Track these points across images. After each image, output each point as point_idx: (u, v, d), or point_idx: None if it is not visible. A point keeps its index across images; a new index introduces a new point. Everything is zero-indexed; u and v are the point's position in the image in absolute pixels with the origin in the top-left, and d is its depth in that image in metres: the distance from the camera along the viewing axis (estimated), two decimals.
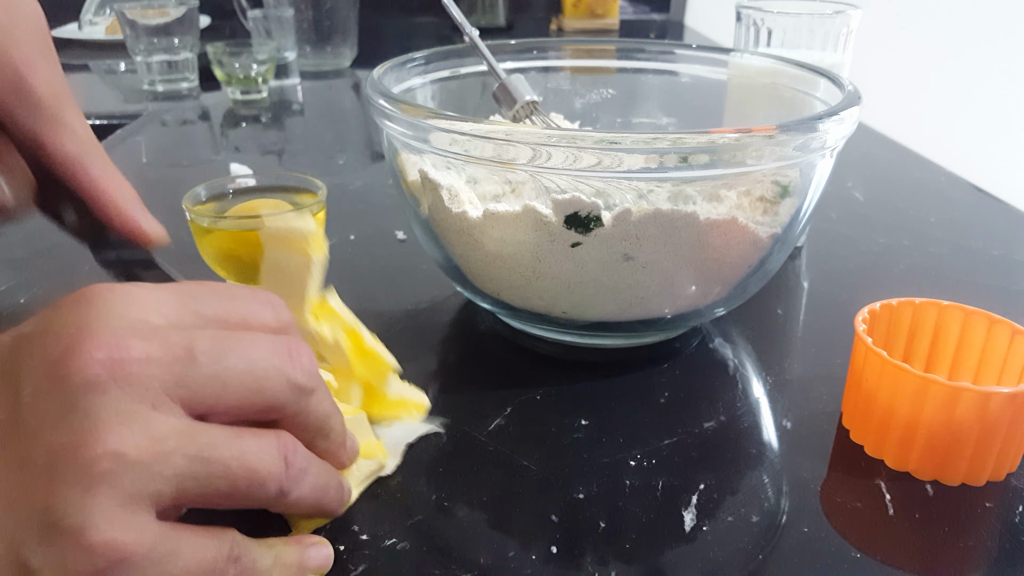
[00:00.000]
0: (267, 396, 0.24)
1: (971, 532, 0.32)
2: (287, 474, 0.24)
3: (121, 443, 0.21)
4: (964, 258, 0.57)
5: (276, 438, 0.24)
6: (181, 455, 0.21)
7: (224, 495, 0.23)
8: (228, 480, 0.22)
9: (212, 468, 0.22)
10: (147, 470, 0.21)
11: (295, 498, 0.25)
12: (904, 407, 0.34)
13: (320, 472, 0.26)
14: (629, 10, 1.67)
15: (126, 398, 0.21)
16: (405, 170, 0.43)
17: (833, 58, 0.55)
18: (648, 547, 0.31)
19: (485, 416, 0.39)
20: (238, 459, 0.23)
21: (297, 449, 0.25)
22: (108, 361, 0.21)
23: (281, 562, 0.26)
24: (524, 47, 0.55)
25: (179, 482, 0.22)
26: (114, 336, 0.21)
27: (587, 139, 0.33)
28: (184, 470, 0.22)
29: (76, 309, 0.22)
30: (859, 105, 0.39)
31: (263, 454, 0.23)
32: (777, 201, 0.40)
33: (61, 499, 0.20)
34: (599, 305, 0.40)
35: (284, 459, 0.24)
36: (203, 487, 0.22)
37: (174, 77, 1.04)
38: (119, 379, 0.21)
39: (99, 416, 0.21)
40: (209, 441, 0.22)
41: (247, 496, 0.23)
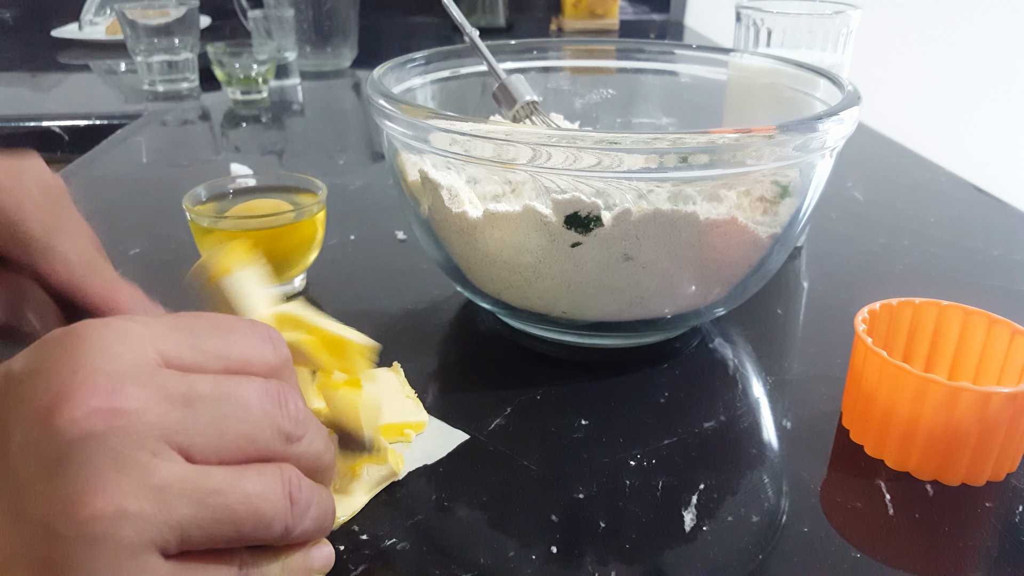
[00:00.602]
0: (259, 446, 0.24)
1: (971, 532, 0.32)
2: (292, 512, 0.24)
3: (121, 495, 0.20)
4: (964, 258, 0.57)
5: (280, 475, 0.24)
6: (185, 503, 0.21)
7: (229, 539, 0.22)
8: (234, 525, 0.22)
9: (217, 514, 0.21)
10: (150, 521, 0.20)
11: (299, 533, 0.24)
12: (904, 407, 0.34)
13: (320, 501, 0.26)
14: (629, 10, 1.67)
15: (123, 447, 0.20)
16: (405, 170, 0.43)
17: (833, 58, 0.55)
18: (648, 547, 0.31)
19: (485, 416, 0.39)
20: (243, 503, 0.22)
21: (301, 484, 0.24)
22: (104, 410, 0.20)
23: (289, 568, 0.25)
24: (524, 47, 0.55)
25: (183, 530, 0.21)
26: (109, 382, 0.21)
27: (587, 139, 0.33)
28: (188, 518, 0.21)
29: (68, 348, 0.21)
30: (859, 105, 0.39)
31: (268, 494, 0.23)
32: (777, 201, 0.40)
33: (61, 556, 0.19)
34: (599, 305, 0.40)
35: (289, 496, 0.23)
36: (208, 533, 0.22)
37: (174, 77, 1.04)
38: (115, 428, 0.20)
39: (96, 467, 0.20)
40: (213, 487, 0.22)
41: (253, 537, 0.23)
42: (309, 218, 0.47)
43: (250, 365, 0.25)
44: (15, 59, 1.31)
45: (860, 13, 0.54)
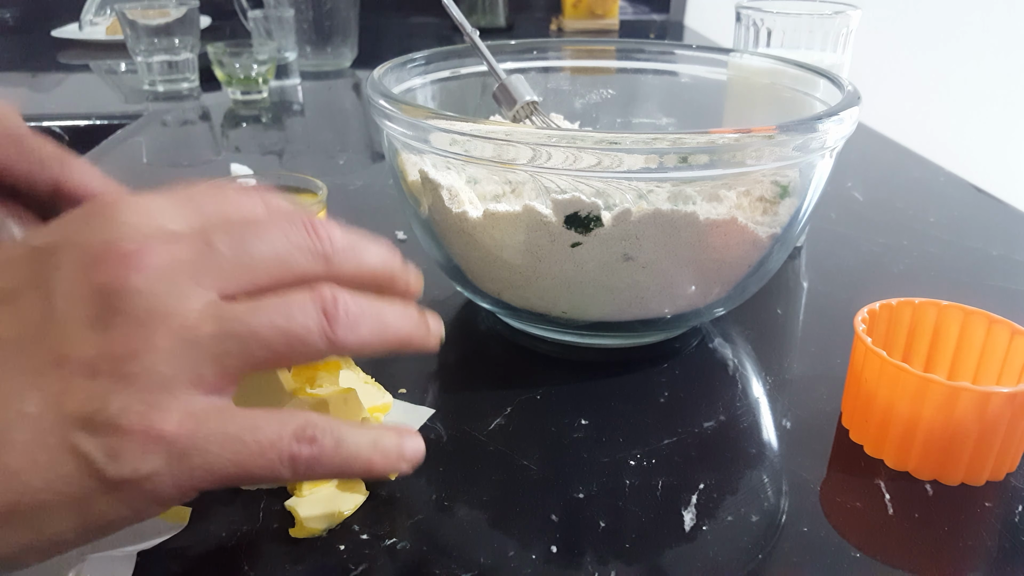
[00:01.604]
0: (296, 269, 0.25)
1: (971, 532, 0.32)
2: (329, 322, 0.24)
3: (158, 335, 0.22)
4: (964, 258, 0.57)
5: (309, 292, 0.24)
6: (211, 336, 0.23)
7: (268, 360, 0.24)
8: (265, 345, 0.23)
9: (244, 339, 0.23)
10: (183, 354, 0.22)
11: (355, 341, 0.25)
12: (904, 407, 0.34)
13: (384, 311, 0.26)
14: (629, 10, 1.67)
15: (160, 295, 0.23)
16: (405, 170, 0.43)
17: (833, 58, 0.55)
18: (648, 547, 0.31)
19: (485, 416, 0.39)
20: (267, 323, 0.23)
21: (338, 297, 0.25)
22: (141, 266, 0.23)
23: (381, 445, 0.25)
24: (524, 47, 0.56)
25: (218, 359, 0.23)
26: (140, 243, 0.23)
27: (587, 139, 0.34)
28: (219, 348, 0.23)
29: (97, 222, 0.24)
30: (858, 105, 0.39)
31: (293, 311, 0.24)
32: (777, 201, 0.40)
33: (103, 389, 0.22)
34: (599, 305, 0.40)
35: (322, 311, 0.24)
36: (243, 359, 0.23)
37: (174, 77, 1.04)
38: (151, 280, 0.23)
39: (136, 315, 0.22)
40: (236, 315, 0.23)
41: (293, 354, 0.24)
42: None
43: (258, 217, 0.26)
44: (15, 59, 1.31)
45: (860, 13, 0.54)
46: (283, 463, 0.23)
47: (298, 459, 0.23)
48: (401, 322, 0.27)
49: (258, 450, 0.23)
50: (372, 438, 0.25)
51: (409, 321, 0.27)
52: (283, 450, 0.23)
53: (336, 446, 0.24)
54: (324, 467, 0.24)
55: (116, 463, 0.21)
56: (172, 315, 0.22)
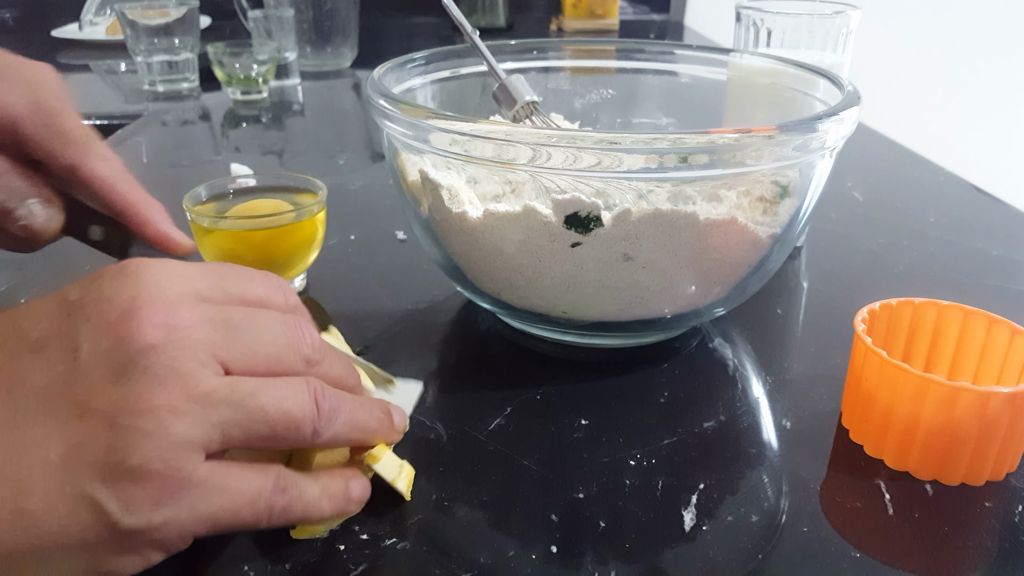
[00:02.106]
0: (286, 366, 0.27)
1: (971, 532, 0.32)
2: (319, 415, 0.27)
3: (176, 396, 0.23)
4: (964, 258, 0.57)
5: (306, 382, 0.27)
6: (226, 405, 0.24)
7: (265, 438, 0.26)
8: (267, 424, 0.25)
9: (253, 415, 0.25)
10: (198, 418, 0.24)
11: (331, 435, 0.28)
12: (904, 407, 0.34)
13: (355, 408, 0.29)
14: (629, 10, 1.67)
15: (179, 358, 0.24)
16: (405, 170, 0.43)
17: (833, 58, 0.55)
18: (648, 547, 0.31)
19: (485, 416, 0.39)
20: (275, 405, 0.25)
21: (325, 392, 0.27)
22: (164, 326, 0.24)
23: (329, 492, 0.29)
24: (524, 47, 0.55)
25: (225, 428, 0.24)
26: (165, 305, 0.25)
27: (587, 139, 0.34)
28: (229, 418, 0.24)
29: (126, 280, 0.25)
30: (858, 105, 0.39)
31: (296, 398, 0.26)
32: (777, 201, 0.40)
33: (123, 442, 0.23)
34: (599, 305, 0.40)
35: (315, 401, 0.27)
36: (246, 432, 0.25)
37: (174, 77, 1.04)
38: (173, 342, 0.24)
39: (156, 372, 0.23)
40: (249, 391, 0.25)
41: (285, 438, 0.26)
42: (309, 218, 0.47)
43: (268, 304, 0.29)
44: None
45: (860, 13, 0.54)
46: (266, 511, 0.26)
47: (275, 508, 0.26)
48: (371, 420, 0.30)
49: (250, 500, 0.25)
50: (321, 487, 0.28)
51: (377, 419, 0.31)
52: (267, 500, 0.26)
53: (300, 495, 0.27)
54: (292, 514, 0.27)
55: (130, 514, 0.23)
56: (190, 378, 0.24)
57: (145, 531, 0.23)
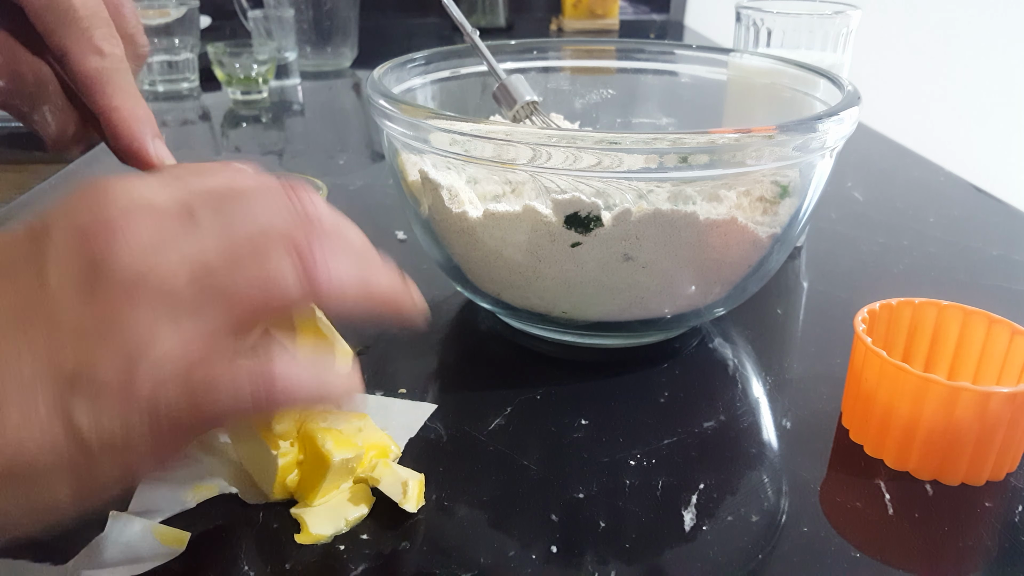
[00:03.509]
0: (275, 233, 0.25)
1: (971, 532, 0.32)
2: (304, 266, 0.25)
3: (137, 298, 0.23)
4: (964, 258, 0.57)
5: (281, 240, 0.25)
6: (189, 294, 0.23)
7: (250, 308, 0.24)
8: (241, 296, 0.24)
9: (221, 293, 0.24)
10: (162, 315, 0.23)
11: (335, 287, 0.25)
12: (904, 407, 0.34)
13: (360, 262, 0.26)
14: (629, 10, 1.67)
15: (144, 265, 0.23)
16: (405, 170, 0.43)
17: (833, 58, 0.55)
18: (648, 547, 0.31)
19: (485, 416, 0.39)
20: (241, 276, 0.24)
21: (312, 241, 0.25)
22: (123, 236, 0.23)
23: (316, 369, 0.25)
24: (524, 47, 0.55)
25: (195, 317, 0.23)
26: (126, 217, 0.24)
27: (587, 139, 0.34)
28: (196, 305, 0.23)
29: (86, 200, 0.24)
30: (858, 105, 0.39)
31: (268, 260, 0.24)
32: (777, 201, 0.40)
33: (90, 354, 0.22)
34: (599, 305, 0.40)
35: (297, 254, 0.25)
36: (223, 311, 0.24)
37: (174, 77, 1.04)
38: (134, 247, 0.23)
39: (122, 282, 0.23)
40: (211, 271, 0.24)
41: (272, 303, 0.24)
42: None
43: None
44: None
45: (860, 13, 0.54)
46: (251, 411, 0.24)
47: (271, 402, 0.24)
48: (385, 278, 0.27)
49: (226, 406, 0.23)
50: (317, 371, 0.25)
51: (394, 280, 0.27)
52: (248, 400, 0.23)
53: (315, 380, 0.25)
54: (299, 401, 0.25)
55: (98, 424, 0.22)
56: (154, 278, 0.23)
57: (116, 440, 0.22)
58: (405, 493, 0.32)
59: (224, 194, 0.26)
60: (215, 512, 0.32)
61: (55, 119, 0.35)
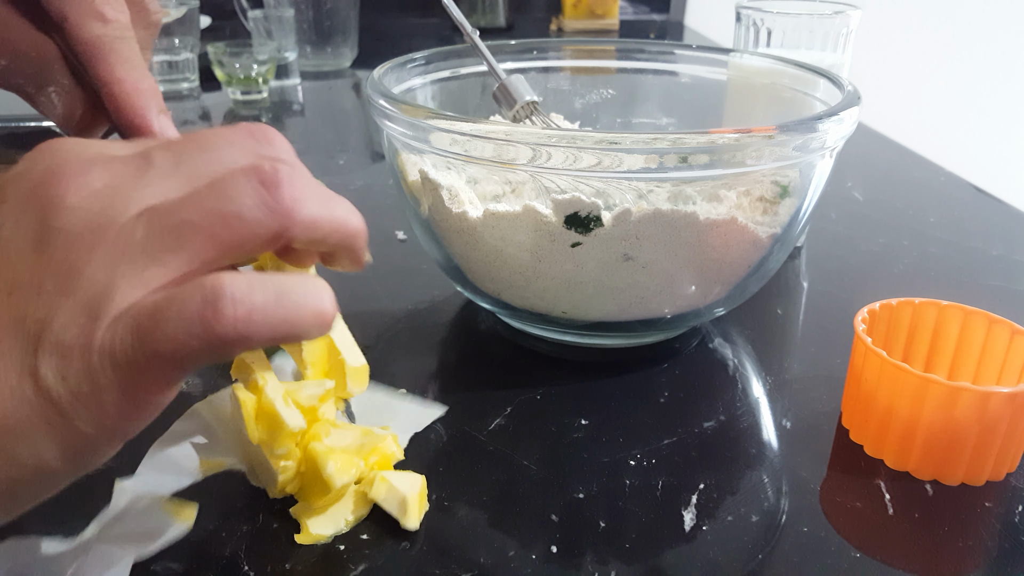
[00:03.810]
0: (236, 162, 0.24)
1: (971, 532, 0.32)
2: (272, 195, 0.23)
3: (92, 246, 0.22)
4: (964, 258, 0.57)
5: (241, 171, 0.23)
6: (143, 235, 0.22)
7: (214, 249, 0.22)
8: (201, 233, 0.22)
9: (180, 232, 0.22)
10: (118, 260, 0.22)
11: (307, 219, 0.23)
12: (904, 407, 0.34)
13: (328, 195, 0.25)
14: (629, 10, 1.67)
15: (96, 211, 0.22)
16: (405, 170, 0.43)
17: (833, 58, 0.55)
18: (648, 547, 0.31)
19: (485, 416, 0.39)
20: (199, 210, 0.22)
21: (279, 167, 0.23)
22: (78, 185, 0.22)
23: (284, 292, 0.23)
24: (524, 47, 0.56)
25: (153, 258, 0.22)
26: (79, 166, 0.23)
27: (587, 139, 0.34)
28: (153, 246, 0.22)
29: (40, 155, 0.24)
30: (859, 105, 0.39)
31: (228, 191, 0.23)
32: (777, 201, 0.40)
33: (47, 309, 0.21)
34: (599, 305, 0.40)
35: (259, 181, 0.23)
36: (185, 253, 0.22)
37: (174, 77, 1.04)
38: (88, 196, 0.22)
39: (74, 231, 0.22)
40: (165, 209, 0.22)
41: (237, 237, 0.23)
42: None
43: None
44: None
45: (860, 13, 0.54)
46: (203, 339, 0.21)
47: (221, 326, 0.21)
48: (349, 212, 0.26)
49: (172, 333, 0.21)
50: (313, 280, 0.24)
51: (356, 216, 0.26)
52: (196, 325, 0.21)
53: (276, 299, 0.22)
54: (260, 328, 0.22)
55: (64, 381, 0.21)
56: (108, 225, 0.22)
57: (85, 397, 0.21)
58: (405, 511, 0.31)
59: (184, 139, 0.25)
60: (215, 511, 0.32)
61: (61, 100, 0.33)
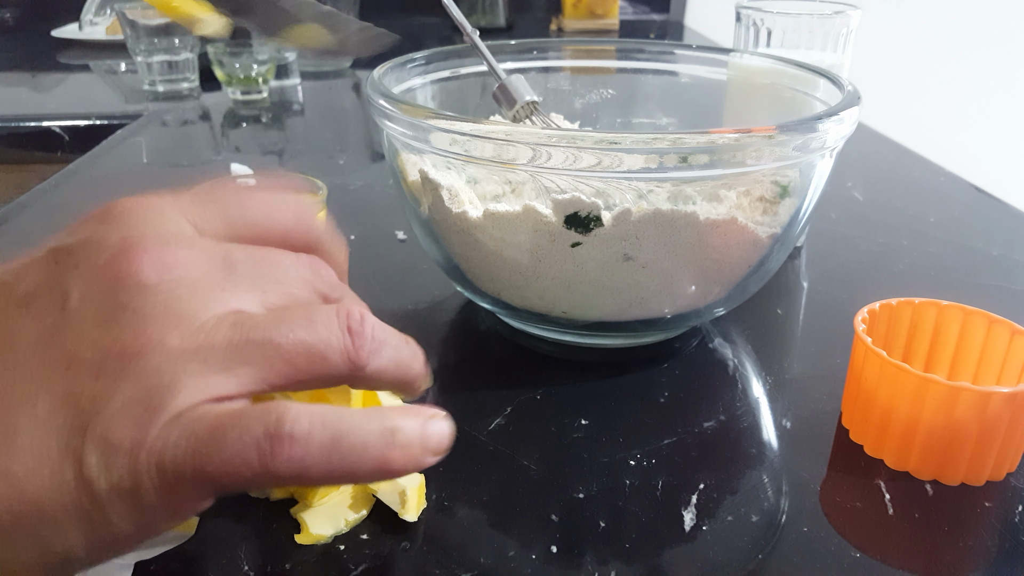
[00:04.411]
0: (299, 302, 0.24)
1: (971, 532, 0.32)
2: (353, 343, 0.23)
3: (169, 335, 0.21)
4: (964, 258, 0.57)
5: (333, 310, 0.23)
6: (226, 341, 0.21)
7: (287, 377, 0.22)
8: (283, 359, 0.22)
9: (263, 350, 0.22)
10: (192, 358, 0.21)
11: (376, 368, 0.24)
12: (904, 407, 0.34)
13: (397, 343, 0.25)
14: (629, 10, 1.67)
15: (175, 297, 0.21)
16: (405, 170, 0.43)
17: (833, 58, 0.55)
18: (648, 547, 0.31)
19: (485, 416, 0.39)
20: (288, 337, 0.22)
21: (364, 318, 0.24)
22: (158, 264, 0.22)
23: (401, 437, 0.23)
24: (524, 47, 0.55)
25: (228, 368, 0.21)
26: (159, 242, 0.22)
27: (587, 139, 0.34)
28: (232, 355, 0.21)
29: (115, 220, 0.23)
30: (859, 105, 0.39)
31: (318, 327, 0.23)
32: (777, 201, 0.40)
33: (106, 389, 0.20)
34: (599, 305, 0.40)
35: (347, 329, 0.23)
36: (259, 372, 0.22)
37: (175, 77, 1.04)
38: (167, 280, 0.22)
39: (148, 312, 0.21)
40: (255, 323, 0.22)
41: (314, 373, 0.23)
42: None
43: (278, 233, 0.26)
44: (15, 59, 1.31)
45: (860, 13, 0.54)
46: (257, 472, 0.21)
47: (275, 464, 0.21)
48: (414, 359, 0.26)
49: (227, 459, 0.21)
50: (384, 428, 0.22)
51: (419, 360, 0.27)
52: (253, 457, 0.21)
53: (332, 444, 0.21)
54: (314, 470, 0.21)
55: (108, 472, 0.20)
56: (188, 316, 0.21)
57: (126, 492, 0.20)
58: (404, 503, 0.31)
59: (258, 250, 0.25)
60: (216, 512, 0.32)
61: None
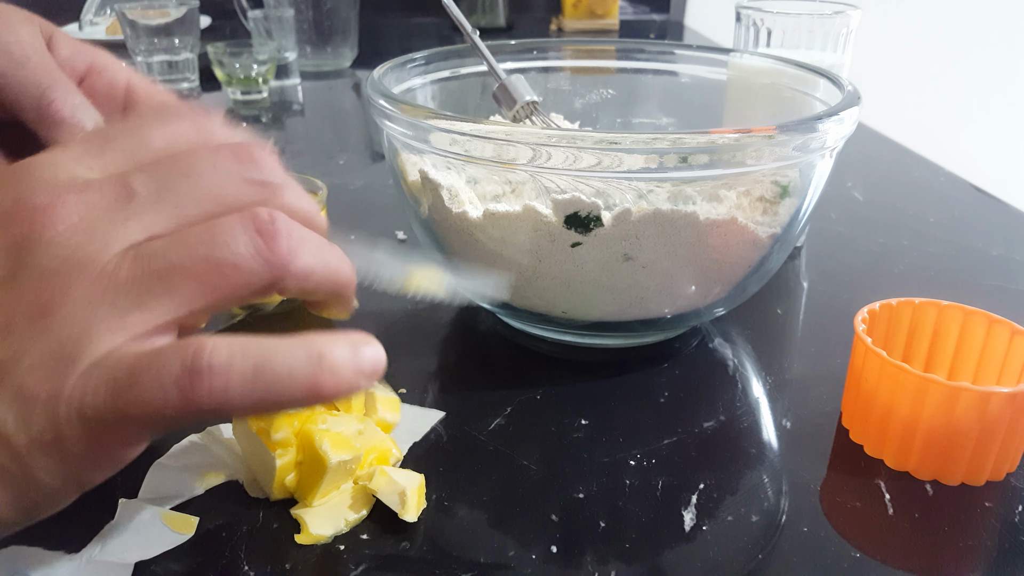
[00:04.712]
0: (229, 202, 0.23)
1: (971, 532, 0.32)
2: (268, 245, 0.22)
3: (70, 285, 0.20)
4: (964, 258, 0.57)
5: (237, 216, 0.22)
6: (128, 277, 0.21)
7: (203, 297, 0.21)
8: (192, 279, 0.21)
9: (169, 278, 0.21)
10: (99, 302, 0.20)
11: (301, 271, 0.22)
12: (904, 407, 0.34)
13: (322, 243, 0.24)
14: (629, 10, 1.67)
15: (72, 246, 0.21)
16: (405, 170, 0.43)
17: (833, 58, 0.55)
18: (648, 547, 0.31)
19: (485, 416, 0.39)
20: (191, 256, 0.21)
21: (275, 217, 0.22)
22: (51, 217, 0.21)
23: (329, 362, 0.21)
24: (524, 47, 0.55)
25: (138, 303, 0.21)
26: (50, 194, 0.21)
27: (587, 139, 0.34)
28: (138, 289, 0.21)
29: (6, 183, 0.22)
30: (859, 105, 0.39)
31: (221, 238, 0.21)
32: (777, 201, 0.40)
33: (12, 348, 0.20)
34: (599, 305, 0.40)
35: (255, 230, 0.22)
36: (171, 299, 0.21)
37: (174, 77, 1.04)
38: (63, 231, 0.21)
39: (48, 267, 0.20)
40: (154, 251, 0.21)
41: (230, 286, 0.21)
42: None
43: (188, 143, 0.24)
44: None
45: (860, 13, 0.54)
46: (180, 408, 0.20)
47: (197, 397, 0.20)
48: (342, 260, 0.25)
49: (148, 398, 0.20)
50: (311, 353, 0.21)
51: (348, 262, 0.25)
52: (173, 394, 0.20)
53: (255, 372, 0.20)
54: (238, 401, 0.20)
55: (26, 428, 0.20)
56: (89, 262, 0.21)
57: (45, 446, 0.20)
58: (404, 503, 0.31)
59: (166, 161, 0.23)
60: (215, 512, 0.32)
61: None
